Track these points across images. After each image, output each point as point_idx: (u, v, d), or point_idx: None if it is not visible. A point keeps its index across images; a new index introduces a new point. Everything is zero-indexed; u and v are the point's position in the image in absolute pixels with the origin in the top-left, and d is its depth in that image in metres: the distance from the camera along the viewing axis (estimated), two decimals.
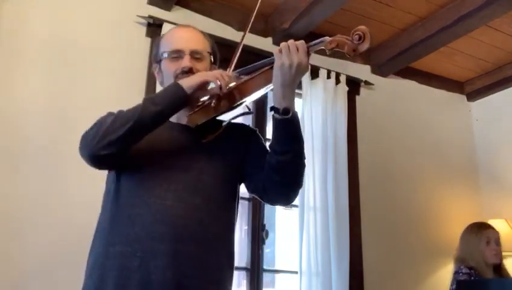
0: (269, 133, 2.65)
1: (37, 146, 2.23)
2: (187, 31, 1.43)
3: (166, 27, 2.58)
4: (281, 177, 1.27)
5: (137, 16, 2.59)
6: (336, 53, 1.23)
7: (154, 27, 2.61)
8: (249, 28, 1.48)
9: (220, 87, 1.22)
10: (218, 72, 1.26)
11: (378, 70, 3.40)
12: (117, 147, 1.19)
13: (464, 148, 3.67)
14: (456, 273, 2.66)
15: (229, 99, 1.27)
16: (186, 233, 1.20)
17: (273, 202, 1.39)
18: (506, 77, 3.52)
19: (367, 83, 3.29)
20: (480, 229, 2.80)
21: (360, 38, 1.19)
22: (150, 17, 2.60)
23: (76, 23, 2.47)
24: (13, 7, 2.34)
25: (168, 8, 2.70)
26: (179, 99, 1.23)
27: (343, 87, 3.09)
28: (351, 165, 3.01)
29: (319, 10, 2.70)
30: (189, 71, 1.32)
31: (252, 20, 1.47)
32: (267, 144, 1.33)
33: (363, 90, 3.28)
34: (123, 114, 1.22)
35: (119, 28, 2.57)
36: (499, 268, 2.77)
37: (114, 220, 1.24)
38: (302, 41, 1.22)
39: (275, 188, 1.30)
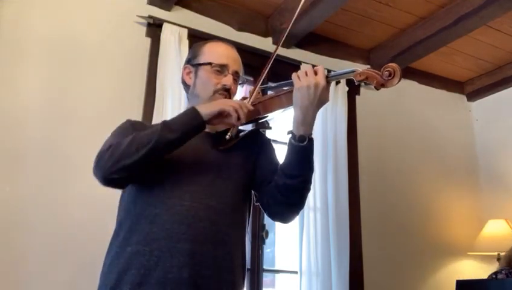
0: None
1: (37, 145, 2.22)
2: (234, 51, 1.47)
3: (166, 27, 2.58)
4: (285, 199, 1.30)
5: (137, 15, 2.59)
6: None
7: (154, 27, 2.61)
8: (279, 45, 1.47)
9: (238, 118, 1.24)
10: (237, 104, 1.26)
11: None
12: (130, 171, 1.21)
13: (464, 148, 3.67)
14: (493, 273, 2.44)
15: (253, 112, 1.33)
16: (202, 234, 1.22)
17: (273, 217, 1.41)
18: (506, 77, 3.52)
19: (367, 83, 3.27)
20: None
21: (390, 75, 1.22)
22: (150, 17, 2.60)
23: (76, 23, 2.47)
24: (13, 7, 2.33)
25: (168, 8, 2.70)
26: (196, 127, 1.24)
27: (343, 87, 3.08)
28: (351, 165, 3.01)
29: (319, 10, 2.70)
30: (228, 90, 1.39)
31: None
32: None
33: (363, 90, 3.28)
34: (139, 138, 1.22)
35: (119, 27, 2.57)
36: None
37: (132, 220, 1.25)
38: (320, 66, 1.25)
39: (277, 207, 1.34)
